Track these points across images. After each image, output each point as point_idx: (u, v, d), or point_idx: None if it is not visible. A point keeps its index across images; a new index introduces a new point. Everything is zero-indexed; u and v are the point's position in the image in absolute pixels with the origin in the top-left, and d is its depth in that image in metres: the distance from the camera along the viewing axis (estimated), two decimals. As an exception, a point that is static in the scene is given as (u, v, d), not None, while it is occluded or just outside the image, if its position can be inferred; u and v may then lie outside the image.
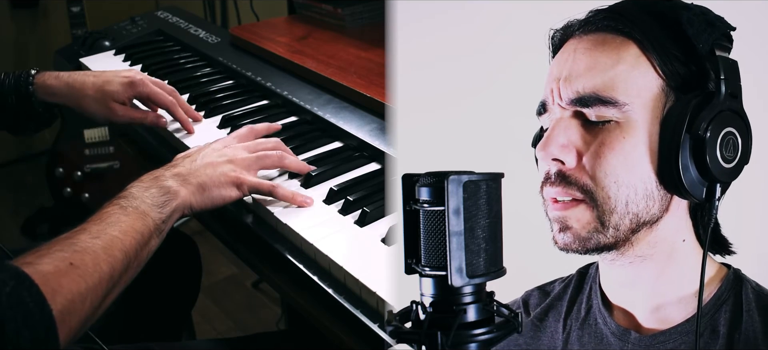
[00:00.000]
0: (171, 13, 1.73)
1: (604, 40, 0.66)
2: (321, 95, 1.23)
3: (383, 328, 0.74)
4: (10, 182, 3.06)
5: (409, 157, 0.80)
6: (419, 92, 0.84)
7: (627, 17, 0.65)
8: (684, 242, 0.67)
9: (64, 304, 0.67)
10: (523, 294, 0.79)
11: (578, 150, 0.65)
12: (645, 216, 0.65)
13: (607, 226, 0.65)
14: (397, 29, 0.81)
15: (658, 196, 0.64)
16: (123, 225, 0.79)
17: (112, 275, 0.75)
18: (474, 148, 0.85)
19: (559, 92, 0.66)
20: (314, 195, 0.96)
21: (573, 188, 0.65)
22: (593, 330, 0.71)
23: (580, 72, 0.66)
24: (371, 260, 0.82)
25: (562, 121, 0.66)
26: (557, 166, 0.66)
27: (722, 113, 0.62)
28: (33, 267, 0.68)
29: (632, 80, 0.64)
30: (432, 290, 0.58)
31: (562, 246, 0.67)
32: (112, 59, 1.53)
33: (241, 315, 2.22)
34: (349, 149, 1.09)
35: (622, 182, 0.64)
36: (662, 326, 0.67)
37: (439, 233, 0.56)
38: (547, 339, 0.75)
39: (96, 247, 0.75)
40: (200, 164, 0.93)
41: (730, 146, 0.62)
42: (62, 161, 2.26)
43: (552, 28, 0.71)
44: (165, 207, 0.86)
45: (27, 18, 3.03)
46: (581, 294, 0.74)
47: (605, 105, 0.64)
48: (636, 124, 0.64)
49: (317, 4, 1.57)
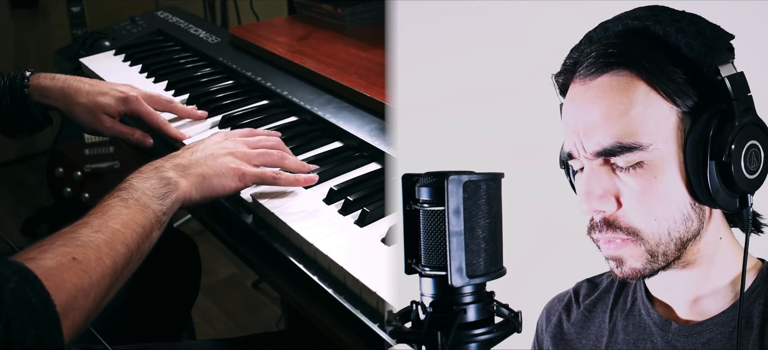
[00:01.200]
0: (171, 13, 1.73)
1: (611, 85, 0.66)
2: (321, 95, 1.23)
3: (383, 328, 0.74)
4: (10, 182, 3.06)
5: (409, 157, 0.80)
6: (419, 92, 0.84)
7: (627, 54, 0.65)
8: (721, 239, 0.69)
9: (67, 299, 0.67)
10: (575, 285, 0.81)
11: (616, 196, 0.66)
12: (687, 235, 0.67)
13: (657, 256, 0.67)
14: (397, 29, 0.81)
15: (696, 214, 0.66)
16: (124, 218, 0.79)
17: (114, 268, 0.75)
18: (474, 148, 0.85)
19: (582, 145, 0.67)
20: (314, 195, 0.96)
21: (619, 231, 0.67)
22: (637, 320, 0.74)
23: (597, 123, 0.66)
24: (371, 261, 0.82)
25: (594, 171, 0.67)
26: (601, 215, 0.67)
27: (741, 131, 0.63)
28: (36, 262, 0.68)
29: (649, 118, 0.65)
30: (432, 290, 0.58)
31: (622, 277, 0.69)
32: (112, 59, 1.53)
33: (241, 315, 2.22)
34: (349, 149, 1.09)
35: (661, 218, 0.66)
36: (700, 317, 0.69)
37: (439, 233, 0.57)
38: (595, 328, 0.77)
39: (98, 241, 0.74)
40: (201, 155, 0.93)
41: (753, 158, 0.64)
42: (62, 161, 2.27)
43: (553, 74, 0.71)
44: (166, 199, 0.85)
45: (27, 18, 3.03)
46: (628, 287, 0.77)
47: (631, 151, 0.65)
48: (663, 160, 0.65)
49: (317, 4, 1.57)
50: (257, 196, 0.95)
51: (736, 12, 0.68)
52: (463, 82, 0.87)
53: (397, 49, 0.81)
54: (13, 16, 3.02)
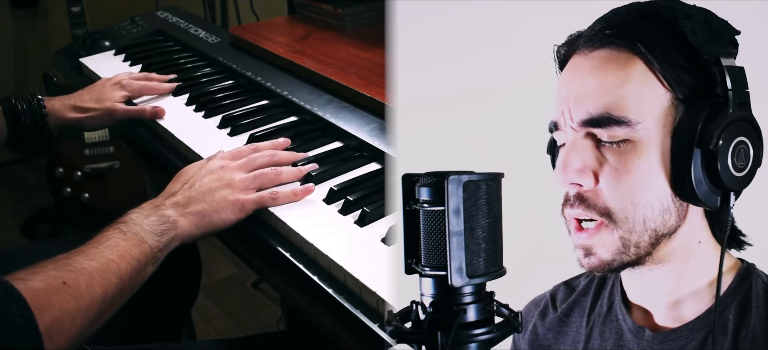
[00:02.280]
0: (171, 13, 1.73)
1: (610, 58, 0.65)
2: (321, 95, 1.23)
3: (383, 328, 0.74)
4: (10, 182, 3.06)
5: (409, 157, 0.80)
6: (419, 92, 0.84)
7: (631, 31, 0.65)
8: (700, 243, 0.68)
9: (52, 321, 0.68)
10: (552, 288, 0.80)
11: (594, 171, 0.65)
12: (663, 229, 0.65)
13: (629, 245, 0.65)
14: (397, 29, 0.81)
15: (675, 208, 0.65)
16: (120, 250, 0.80)
17: (104, 297, 0.76)
18: (474, 148, 0.85)
19: (570, 113, 0.66)
20: (314, 195, 0.96)
21: (592, 210, 0.65)
22: (614, 326, 0.72)
23: (589, 93, 0.65)
24: (371, 261, 0.82)
25: (576, 143, 0.66)
26: (576, 188, 0.66)
27: (732, 124, 0.62)
28: (24, 282, 0.69)
29: (642, 97, 0.64)
30: (432, 290, 0.58)
31: (588, 268, 0.68)
32: (112, 59, 1.53)
33: (241, 315, 2.22)
34: (349, 149, 1.09)
35: (638, 202, 0.64)
36: (675, 323, 0.68)
37: (439, 233, 0.56)
38: (572, 332, 0.76)
39: (91, 268, 0.76)
40: (198, 192, 0.93)
41: (741, 155, 0.63)
42: (62, 161, 2.27)
43: (556, 44, 0.71)
44: (163, 236, 0.87)
45: (27, 18, 3.03)
46: (604, 290, 0.75)
47: (618, 125, 0.64)
48: (649, 142, 0.64)
49: (317, 4, 1.57)
50: (257, 196, 0.96)
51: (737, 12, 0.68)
52: (463, 82, 0.87)
53: (397, 49, 0.81)
54: (13, 16, 3.02)
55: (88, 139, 2.28)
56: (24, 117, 1.20)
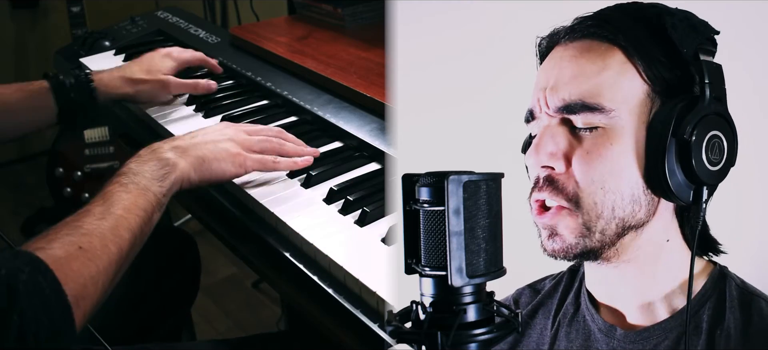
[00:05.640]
0: (171, 13, 1.73)
1: (590, 47, 0.66)
2: (321, 94, 1.22)
3: (383, 328, 0.74)
4: (10, 182, 3.06)
5: (409, 157, 0.80)
6: (419, 92, 0.84)
7: (612, 24, 0.66)
8: (668, 242, 0.68)
9: (76, 289, 0.67)
10: (514, 292, 0.79)
11: (567, 156, 0.65)
12: (631, 221, 0.65)
13: (594, 231, 0.65)
14: (397, 29, 0.81)
15: (645, 201, 0.65)
16: (126, 203, 0.80)
17: (120, 254, 0.76)
18: (474, 148, 0.85)
19: (546, 100, 0.67)
20: (314, 195, 0.96)
21: (560, 194, 0.65)
22: (581, 326, 0.72)
23: (565, 80, 0.66)
24: (371, 261, 0.82)
25: (550, 128, 0.67)
26: (547, 172, 0.66)
27: (707, 116, 0.62)
28: (45, 252, 0.68)
29: (618, 86, 0.64)
30: (432, 290, 0.58)
31: (551, 253, 0.67)
32: (112, 59, 1.53)
33: (241, 315, 2.22)
34: (349, 149, 1.09)
35: (608, 189, 0.64)
36: (648, 322, 0.68)
37: (439, 233, 0.56)
38: (536, 335, 0.75)
39: (103, 229, 0.75)
40: (201, 140, 0.94)
41: (715, 149, 0.63)
42: (62, 161, 2.26)
43: (538, 36, 0.71)
44: (165, 180, 0.86)
45: (27, 18, 3.03)
46: (571, 292, 0.75)
47: (592, 112, 0.64)
48: (622, 130, 0.64)
49: (317, 4, 1.57)
50: (258, 196, 0.95)
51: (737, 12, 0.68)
52: (463, 82, 0.87)
53: (397, 49, 0.81)
54: (13, 16, 3.02)
55: (88, 139, 2.28)
56: (73, 92, 1.18)
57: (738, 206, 0.72)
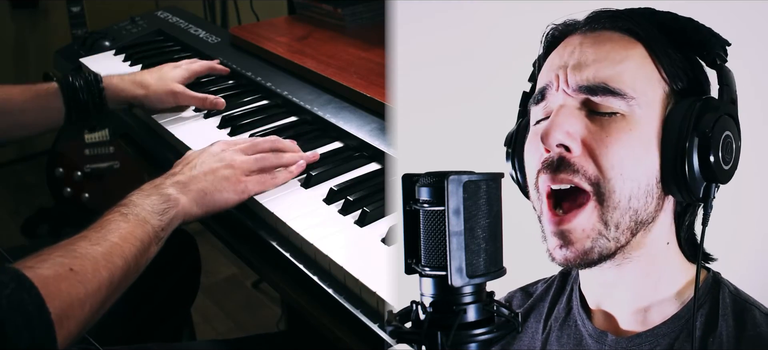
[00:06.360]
0: (171, 13, 1.73)
1: (612, 37, 0.67)
2: (321, 95, 1.23)
3: (383, 328, 0.74)
4: (10, 182, 3.06)
5: (409, 157, 0.80)
6: (419, 92, 0.84)
7: (633, 20, 0.67)
8: (668, 245, 0.68)
9: (62, 308, 0.68)
10: (507, 294, 0.79)
11: (583, 140, 0.64)
12: (643, 215, 0.64)
13: (610, 225, 0.64)
14: (397, 29, 0.81)
15: (656, 194, 0.65)
16: (123, 232, 0.80)
17: (111, 281, 0.76)
18: (474, 148, 0.84)
19: (566, 78, 0.66)
20: (314, 195, 0.96)
21: (578, 175, 0.63)
22: (572, 331, 0.72)
23: (588, 62, 0.66)
24: (371, 260, 0.82)
25: (566, 108, 0.65)
26: (560, 152, 0.64)
27: (724, 116, 0.63)
28: (33, 270, 0.69)
29: (640, 77, 0.65)
30: (432, 290, 0.58)
31: (562, 262, 0.65)
32: (112, 59, 1.53)
33: (241, 315, 2.22)
34: (349, 149, 1.09)
35: (627, 176, 0.63)
36: (641, 328, 0.67)
37: (439, 233, 0.56)
38: (527, 339, 0.75)
39: (96, 253, 0.76)
40: (200, 171, 0.93)
41: (728, 149, 0.63)
42: (62, 161, 2.26)
43: (552, 23, 0.71)
44: (165, 215, 0.87)
45: (27, 18, 3.03)
46: (562, 295, 0.75)
47: (614, 96, 0.64)
48: (641, 119, 0.64)
49: (317, 4, 1.57)
50: (258, 196, 0.95)
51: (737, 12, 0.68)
52: (463, 82, 0.87)
53: (397, 50, 0.81)
54: (13, 16, 3.02)
55: (88, 139, 2.27)
56: (82, 94, 1.17)
57: (735, 211, 0.72)
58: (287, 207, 0.93)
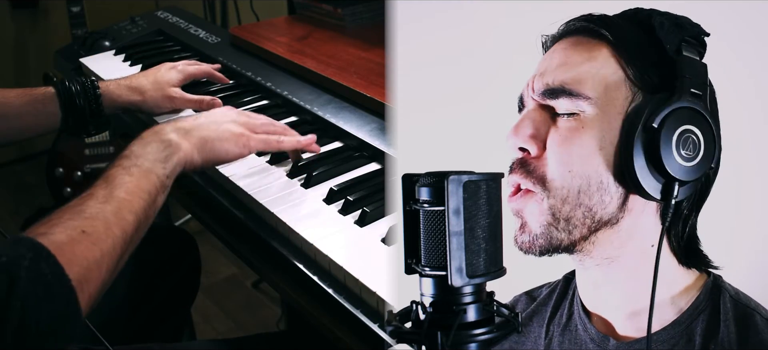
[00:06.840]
0: (171, 13, 1.73)
1: (580, 42, 0.69)
2: (321, 95, 1.23)
3: (383, 328, 0.74)
4: (10, 182, 3.06)
5: (409, 157, 0.80)
6: (419, 92, 0.84)
7: (602, 22, 0.68)
8: (653, 247, 0.66)
9: (80, 272, 0.67)
10: (512, 299, 0.79)
11: (543, 140, 0.67)
12: (601, 213, 0.65)
13: (559, 218, 0.65)
14: (397, 29, 0.81)
15: (615, 193, 0.64)
16: (129, 186, 0.79)
17: (124, 238, 0.75)
18: (474, 148, 0.84)
19: (533, 85, 0.69)
20: (314, 195, 0.96)
21: (530, 176, 0.66)
22: (573, 336, 0.72)
23: (552, 67, 0.68)
24: (371, 261, 0.82)
25: (531, 112, 0.68)
26: (522, 154, 0.68)
27: (681, 109, 0.61)
28: (47, 237, 0.67)
29: (600, 77, 0.66)
30: (432, 290, 0.58)
31: (520, 246, 0.67)
32: (112, 59, 1.53)
33: (241, 315, 2.22)
34: (349, 149, 1.09)
35: (576, 173, 0.65)
36: (638, 334, 0.67)
37: (439, 233, 0.57)
38: (530, 343, 0.75)
39: (106, 212, 0.74)
40: (204, 121, 0.94)
41: (688, 144, 0.62)
42: (62, 161, 2.26)
43: (543, 34, 0.73)
44: (167, 162, 0.86)
45: (27, 18, 3.03)
46: (565, 300, 0.75)
47: (570, 97, 0.66)
48: (598, 117, 0.65)
49: (317, 4, 1.57)
50: (258, 196, 0.96)
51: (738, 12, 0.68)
52: (463, 82, 0.87)
53: (397, 50, 0.81)
54: (13, 16, 3.02)
55: (88, 139, 2.27)
56: (78, 99, 1.17)
57: (735, 211, 0.71)
58: (287, 207, 0.93)
